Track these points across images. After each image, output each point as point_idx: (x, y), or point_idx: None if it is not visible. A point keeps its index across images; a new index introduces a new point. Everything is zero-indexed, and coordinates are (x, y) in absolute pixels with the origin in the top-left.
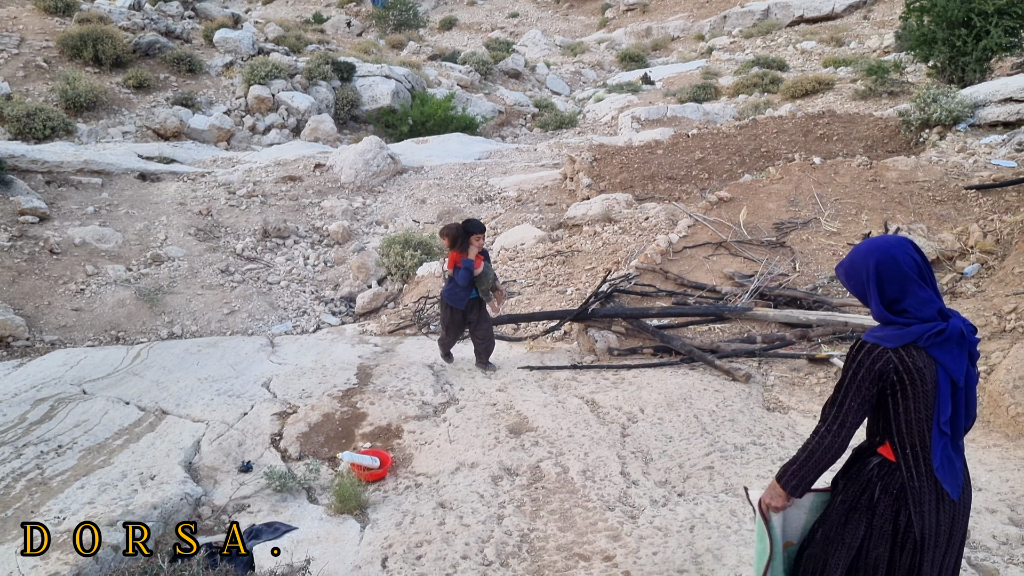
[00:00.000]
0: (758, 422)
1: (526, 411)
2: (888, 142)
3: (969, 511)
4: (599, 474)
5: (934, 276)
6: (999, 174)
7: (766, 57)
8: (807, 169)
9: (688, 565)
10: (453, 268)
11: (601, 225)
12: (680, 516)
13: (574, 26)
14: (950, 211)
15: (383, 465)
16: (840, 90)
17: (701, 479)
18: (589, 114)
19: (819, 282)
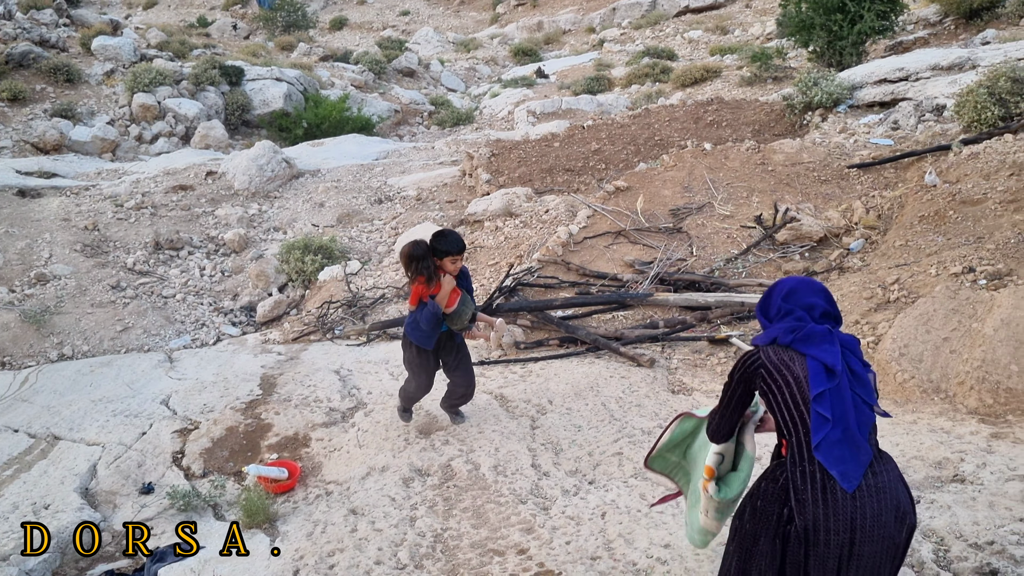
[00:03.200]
0: (664, 405)
1: (435, 410)
2: (774, 126)
3: (902, 529)
4: (510, 468)
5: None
6: (878, 152)
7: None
8: (699, 155)
9: (601, 551)
10: (416, 302)
11: (502, 220)
12: (591, 504)
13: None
14: (834, 190)
15: (292, 476)
16: (727, 77)
17: (611, 465)
18: (486, 110)
19: (716, 265)
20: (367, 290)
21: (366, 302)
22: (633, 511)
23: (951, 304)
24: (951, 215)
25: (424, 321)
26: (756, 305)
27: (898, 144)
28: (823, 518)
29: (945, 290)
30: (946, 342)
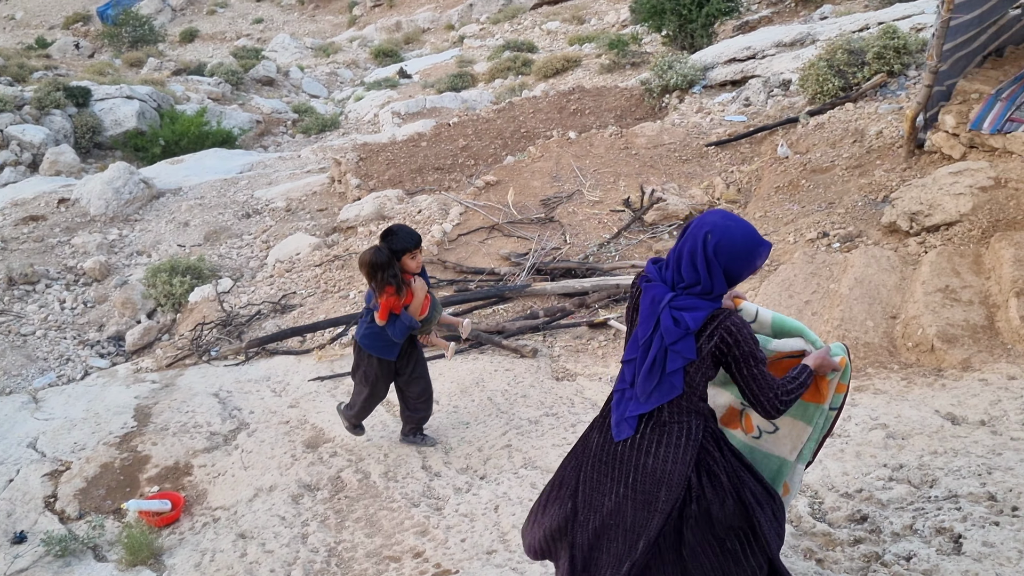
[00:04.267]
0: (548, 393)
1: (321, 423)
2: (635, 110)
3: (651, 503)
4: (401, 473)
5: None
6: (733, 129)
7: (516, 41)
8: (565, 144)
9: (496, 544)
10: (387, 317)
11: (375, 224)
12: (484, 499)
13: (323, 27)
14: (696, 168)
15: (175, 507)
16: (587, 66)
17: (501, 458)
18: (351, 114)
19: (589, 250)
20: (242, 308)
21: (242, 320)
22: (525, 501)
23: (809, 268)
24: (804, 184)
25: (397, 335)
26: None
27: (751, 120)
28: (594, 449)
29: (803, 255)
30: (807, 305)
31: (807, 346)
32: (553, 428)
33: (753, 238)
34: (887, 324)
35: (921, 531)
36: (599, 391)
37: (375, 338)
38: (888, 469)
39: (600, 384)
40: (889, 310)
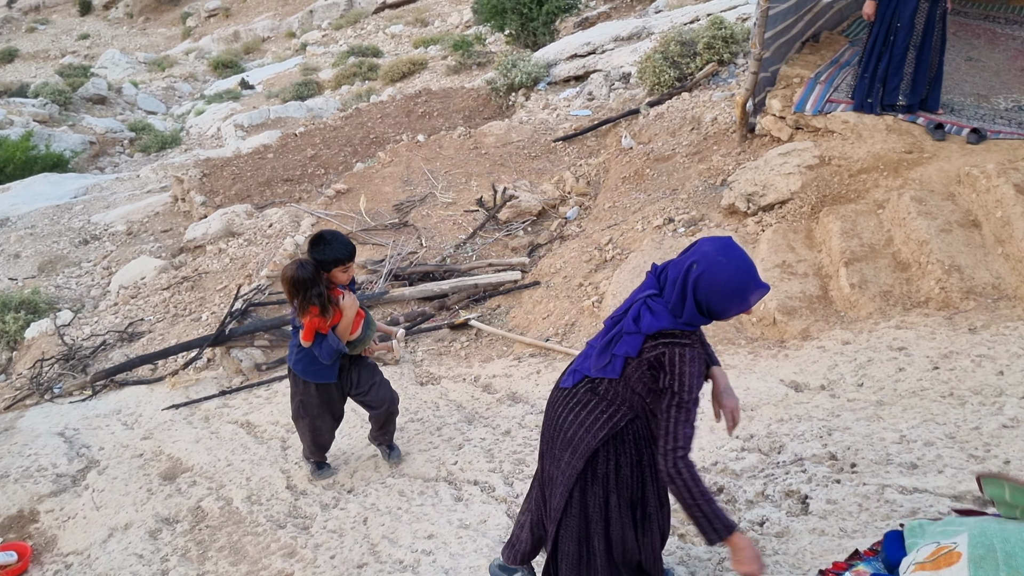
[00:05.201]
0: (413, 399)
1: (178, 452)
2: (483, 110)
3: (558, 462)
4: (265, 495)
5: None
6: (579, 123)
7: (360, 46)
8: (414, 148)
9: (367, 557)
10: (312, 338)
11: (225, 241)
12: (352, 513)
13: (156, 40)
14: (545, 164)
15: (22, 557)
16: (434, 68)
17: (367, 470)
18: (193, 129)
19: (446, 252)
20: (85, 340)
21: (85, 352)
22: (394, 510)
23: (658, 254)
24: (648, 173)
25: (324, 357)
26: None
27: (595, 113)
28: (552, 400)
29: (651, 242)
30: None
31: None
32: (419, 433)
33: (740, 280)
34: None
35: (772, 496)
36: (463, 392)
37: (308, 361)
38: (740, 440)
39: (464, 385)
40: None
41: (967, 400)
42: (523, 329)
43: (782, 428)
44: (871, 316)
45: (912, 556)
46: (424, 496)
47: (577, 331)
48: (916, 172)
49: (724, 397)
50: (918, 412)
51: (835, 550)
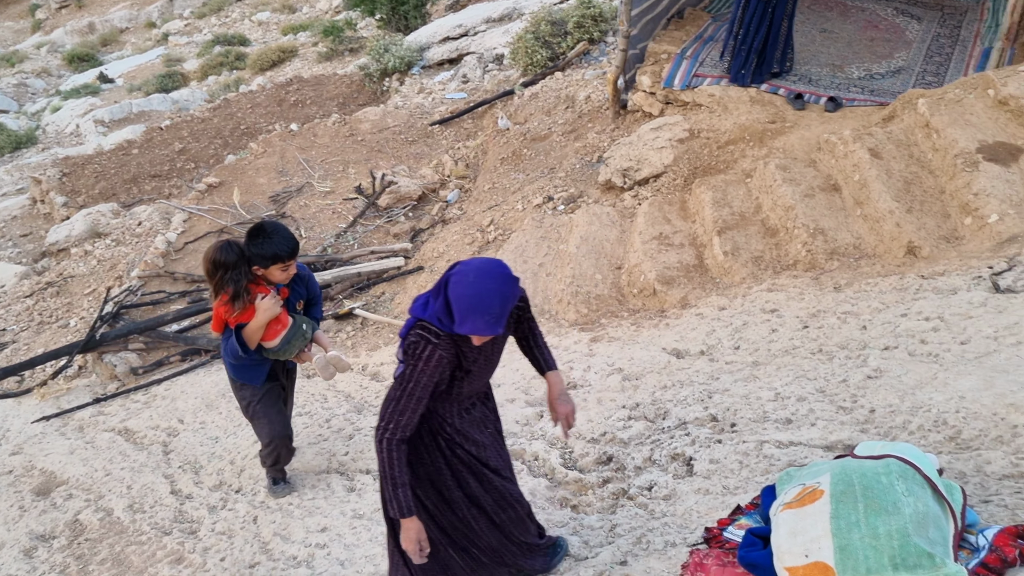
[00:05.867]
0: (300, 392)
1: (51, 466)
2: (357, 96)
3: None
4: (148, 502)
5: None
6: (454, 106)
7: (225, 34)
8: (287, 137)
9: (259, 556)
10: (220, 328)
11: (91, 243)
12: (241, 513)
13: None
14: (423, 148)
15: None
16: (304, 55)
17: (255, 468)
18: (49, 127)
19: (327, 242)
20: None
21: None
22: (285, 506)
23: (539, 233)
24: (526, 153)
25: (225, 354)
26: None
27: (471, 96)
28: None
29: (532, 221)
30: (541, 267)
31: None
32: (307, 427)
33: (471, 304)
34: (614, 275)
35: (659, 460)
36: (351, 382)
37: (239, 363)
38: (627, 409)
39: (351, 376)
40: (614, 262)
41: (835, 355)
42: None
43: (666, 395)
44: (744, 281)
45: (781, 499)
46: (316, 489)
47: None
48: (780, 141)
49: (558, 403)
50: (791, 370)
51: (719, 507)
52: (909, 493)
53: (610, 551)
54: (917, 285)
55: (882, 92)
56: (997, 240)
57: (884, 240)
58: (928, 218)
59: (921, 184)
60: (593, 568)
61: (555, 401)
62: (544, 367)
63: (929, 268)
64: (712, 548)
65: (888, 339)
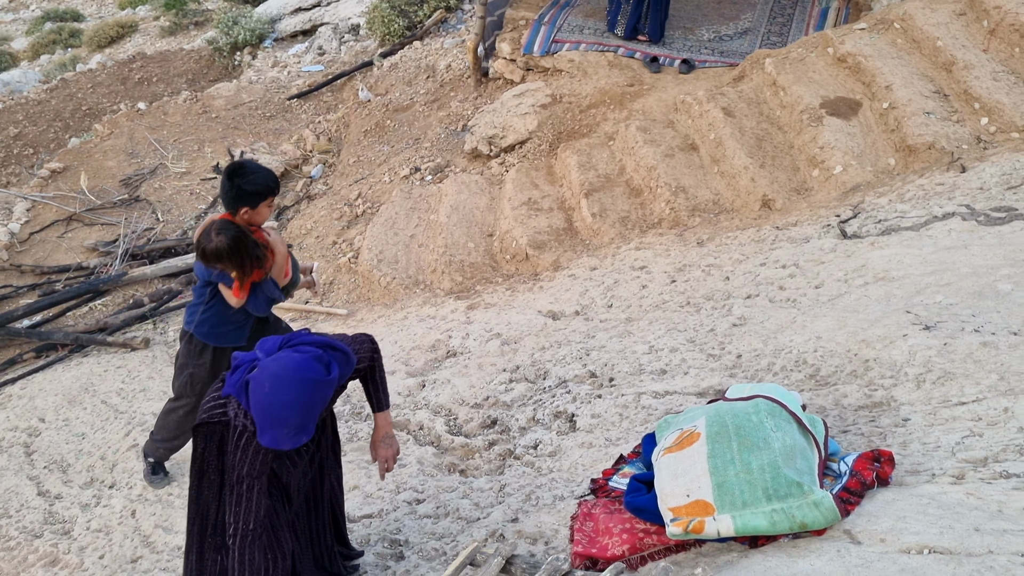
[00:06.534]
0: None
1: None
2: (208, 72)
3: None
4: (14, 507)
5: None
6: (312, 79)
7: (56, 10)
8: (135, 117)
9: (141, 550)
10: (248, 292)
11: None
12: (118, 508)
13: None
14: (282, 123)
15: None
16: (146, 31)
17: (129, 460)
18: None
19: (187, 225)
20: None
21: None
22: (165, 497)
23: (408, 204)
24: (389, 124)
25: (261, 309)
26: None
27: (328, 68)
28: None
29: (400, 193)
30: (413, 239)
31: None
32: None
33: (266, 415)
34: (487, 242)
35: (542, 419)
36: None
37: (216, 322)
38: (507, 373)
39: None
40: (486, 229)
41: (702, 306)
42: None
43: (545, 355)
44: (613, 241)
45: (661, 445)
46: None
47: (336, 289)
48: (639, 104)
49: (381, 446)
50: (662, 323)
51: (603, 459)
52: (777, 429)
53: (501, 510)
54: (773, 236)
55: (731, 53)
56: (842, 190)
57: (741, 195)
58: (780, 172)
59: (772, 140)
60: (486, 528)
61: (378, 443)
62: (375, 406)
63: (783, 219)
64: (599, 498)
65: (750, 288)
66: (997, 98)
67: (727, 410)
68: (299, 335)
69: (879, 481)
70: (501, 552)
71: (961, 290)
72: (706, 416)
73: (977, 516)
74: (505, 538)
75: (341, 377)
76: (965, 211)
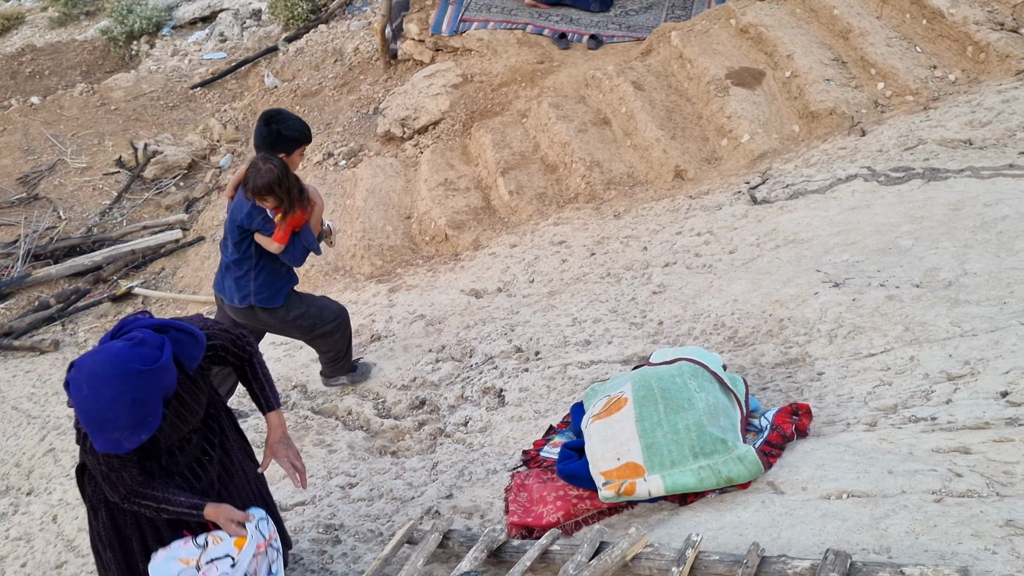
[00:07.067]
0: None
1: None
2: (103, 63)
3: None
4: None
5: None
6: (215, 67)
7: None
8: (29, 112)
9: (66, 555)
10: (288, 239)
11: None
12: (37, 514)
13: None
14: (187, 113)
15: None
16: (34, 22)
17: (46, 466)
18: None
19: (92, 222)
20: None
21: None
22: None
23: (323, 190)
24: (299, 110)
25: (299, 259)
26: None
27: (231, 55)
28: None
29: (315, 179)
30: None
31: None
32: None
33: (90, 418)
34: (405, 225)
35: (471, 396)
36: None
37: (272, 280)
38: (433, 353)
39: None
40: (403, 212)
41: (622, 277)
42: (195, 288)
43: (470, 333)
44: (531, 218)
45: (589, 412)
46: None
47: None
48: (550, 80)
49: (279, 448)
50: (584, 295)
51: (534, 431)
52: (701, 389)
53: (435, 488)
54: (687, 205)
55: (638, 27)
56: (750, 157)
57: (654, 166)
58: (690, 143)
59: (681, 112)
60: (421, 506)
61: (275, 446)
62: (264, 406)
63: (696, 188)
64: (532, 468)
65: (667, 256)
66: (891, 63)
67: (652, 374)
68: (133, 320)
69: (798, 433)
70: (438, 528)
71: (866, 248)
72: (632, 382)
73: (890, 460)
74: (441, 514)
75: (190, 360)
76: (867, 173)
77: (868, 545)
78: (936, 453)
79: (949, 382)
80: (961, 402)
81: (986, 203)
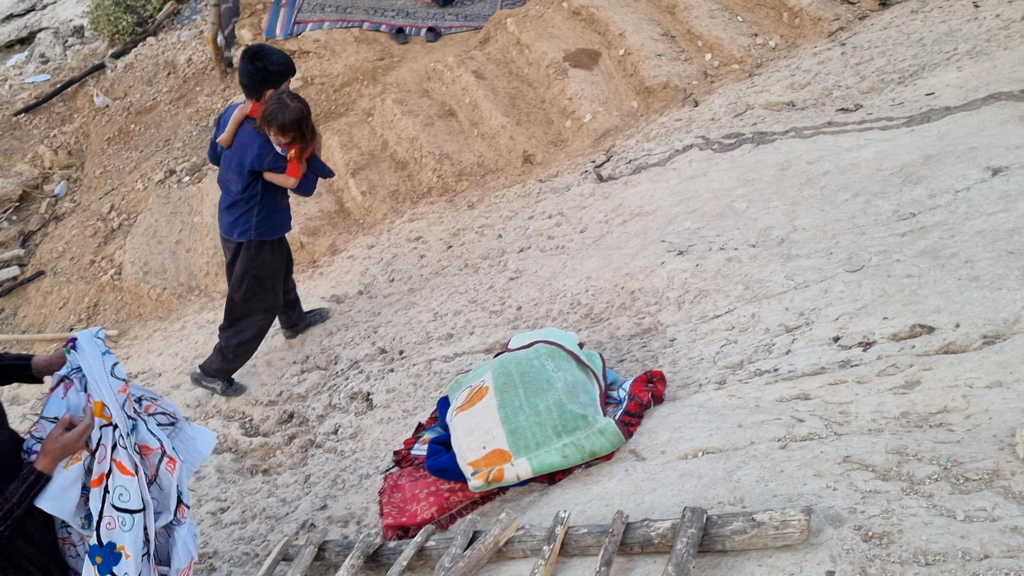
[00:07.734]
0: None
1: None
2: None
3: None
4: None
5: None
6: (39, 91)
7: None
8: None
9: None
10: (301, 172)
11: None
12: None
13: None
14: (13, 143)
15: None
16: None
17: None
18: None
19: None
20: None
21: None
22: None
23: (168, 209)
24: (134, 128)
25: (311, 189)
26: None
27: (55, 76)
28: None
29: (157, 199)
30: (179, 244)
31: None
32: None
33: None
34: None
35: (339, 403)
36: None
37: (271, 214)
38: (297, 364)
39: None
40: None
41: (479, 266)
42: (40, 326)
43: (333, 340)
44: (387, 217)
45: (453, 405)
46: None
47: (102, 310)
48: (392, 76)
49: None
50: (444, 289)
51: (403, 430)
52: (558, 369)
53: (308, 500)
54: (538, 189)
55: (474, 17)
56: (594, 136)
57: (503, 154)
58: (536, 127)
59: (524, 97)
60: (295, 521)
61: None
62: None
63: (545, 172)
64: (404, 468)
65: (521, 242)
66: (716, 34)
67: (510, 360)
68: None
69: (655, 400)
70: (312, 540)
71: (705, 214)
72: (492, 370)
73: (739, 414)
74: (316, 526)
75: None
76: (701, 142)
77: (723, 498)
78: (780, 402)
79: (787, 334)
80: (799, 351)
81: (809, 161)
